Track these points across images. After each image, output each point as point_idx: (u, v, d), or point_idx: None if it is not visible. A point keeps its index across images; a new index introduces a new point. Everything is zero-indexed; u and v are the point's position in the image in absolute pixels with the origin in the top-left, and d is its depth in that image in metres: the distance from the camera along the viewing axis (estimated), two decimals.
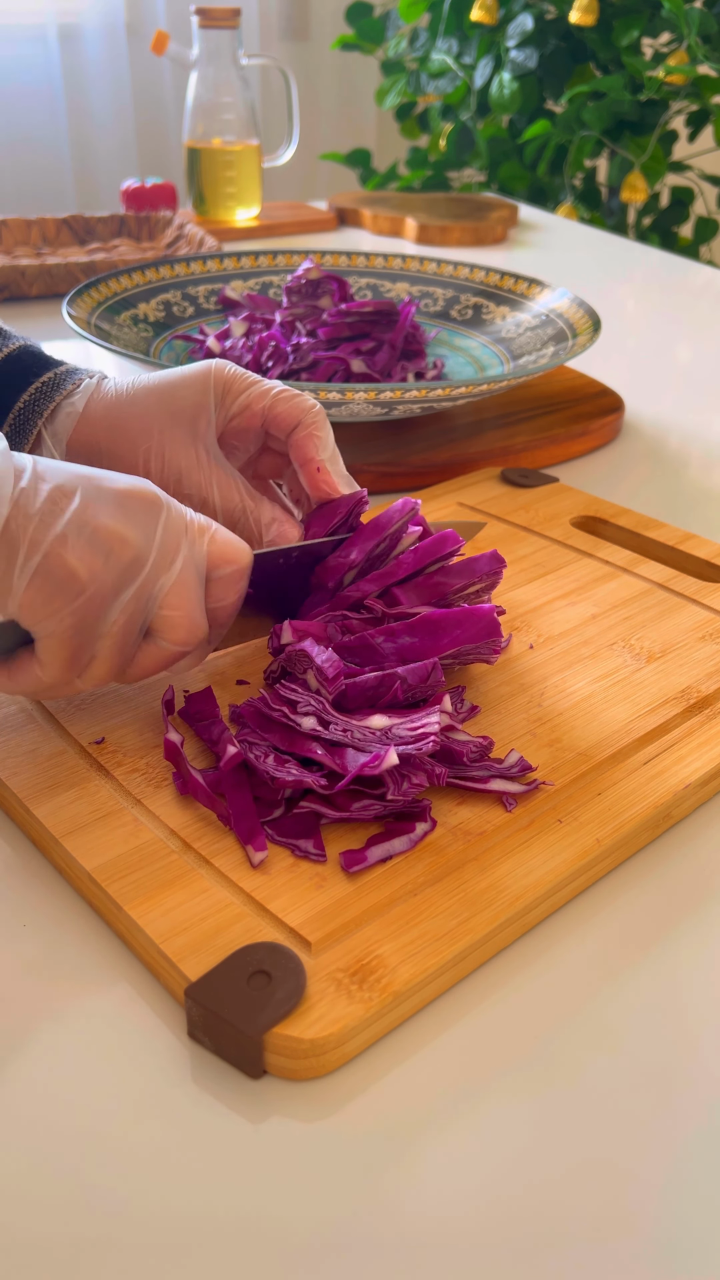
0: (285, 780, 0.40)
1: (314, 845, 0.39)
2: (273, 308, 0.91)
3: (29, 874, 0.41)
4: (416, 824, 0.40)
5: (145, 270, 0.91)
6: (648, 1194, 0.30)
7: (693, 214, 2.16)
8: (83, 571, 0.39)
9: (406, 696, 0.43)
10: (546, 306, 0.88)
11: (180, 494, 0.50)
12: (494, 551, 0.49)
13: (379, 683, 0.43)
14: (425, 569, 0.49)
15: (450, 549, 0.48)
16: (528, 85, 1.93)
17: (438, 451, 0.73)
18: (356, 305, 0.80)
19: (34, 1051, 0.34)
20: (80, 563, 0.39)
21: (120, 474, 0.42)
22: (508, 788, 0.42)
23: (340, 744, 0.41)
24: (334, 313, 0.80)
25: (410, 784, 0.40)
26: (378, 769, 0.39)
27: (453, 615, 0.46)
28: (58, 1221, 0.29)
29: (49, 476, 0.39)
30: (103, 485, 0.40)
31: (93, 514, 0.39)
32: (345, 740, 0.41)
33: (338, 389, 0.64)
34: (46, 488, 0.39)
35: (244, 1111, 0.32)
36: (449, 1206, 0.30)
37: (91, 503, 0.40)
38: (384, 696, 0.43)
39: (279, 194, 1.93)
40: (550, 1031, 0.35)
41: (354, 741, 0.41)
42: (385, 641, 0.46)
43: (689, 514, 0.69)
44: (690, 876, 0.41)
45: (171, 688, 0.46)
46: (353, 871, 0.38)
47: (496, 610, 0.47)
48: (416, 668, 0.43)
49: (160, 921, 0.36)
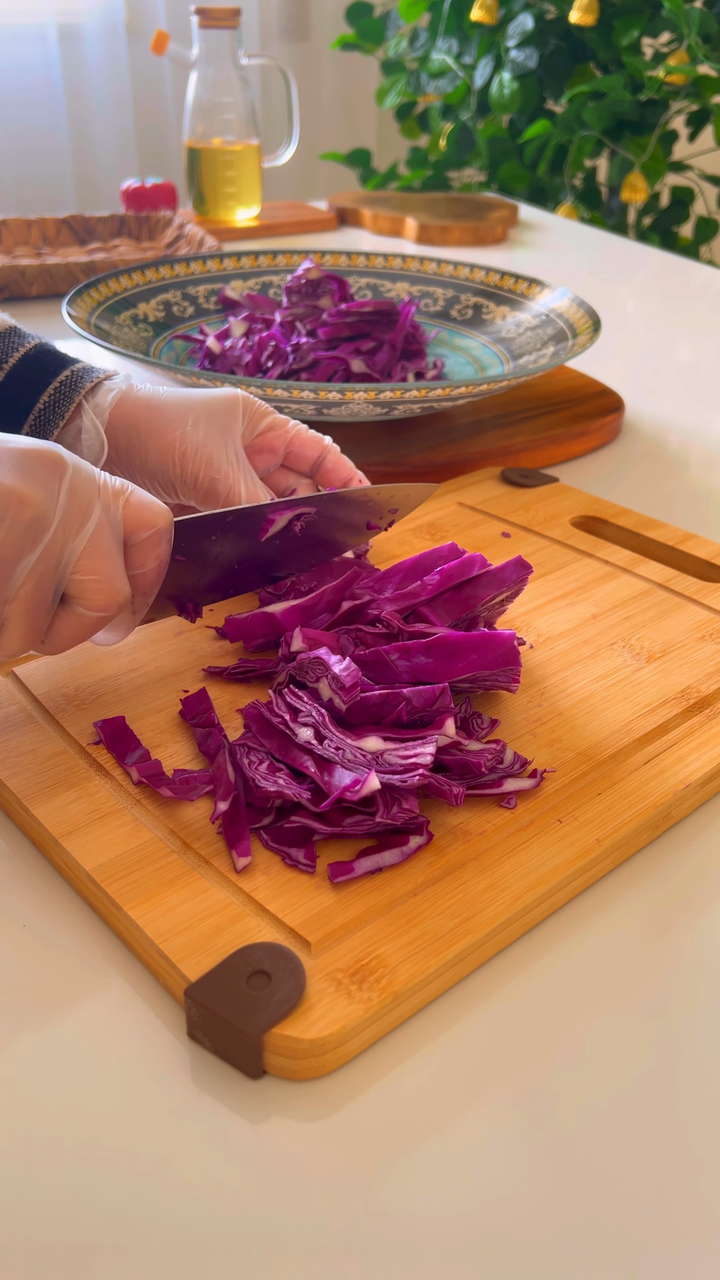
0: (268, 791, 0.40)
1: (305, 855, 0.39)
2: (273, 307, 0.91)
3: (29, 874, 0.41)
4: (410, 838, 0.40)
5: (145, 270, 0.91)
6: (648, 1194, 0.30)
7: (693, 214, 2.16)
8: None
9: (411, 718, 0.42)
10: (546, 306, 0.88)
11: (209, 479, 0.51)
12: (519, 558, 0.48)
13: (383, 700, 0.42)
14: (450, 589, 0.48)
15: (477, 571, 0.48)
16: (528, 85, 1.93)
17: (438, 451, 0.73)
18: (356, 305, 0.80)
19: (33, 1051, 0.34)
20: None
21: (21, 436, 0.41)
22: (520, 785, 0.42)
23: (330, 760, 0.41)
24: (334, 313, 0.80)
25: (400, 808, 0.39)
26: (357, 795, 0.38)
27: (470, 639, 0.44)
28: (57, 1222, 0.29)
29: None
30: (1, 446, 0.39)
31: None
32: (335, 758, 0.41)
33: (338, 389, 0.64)
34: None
35: (244, 1111, 0.32)
36: (448, 1207, 0.30)
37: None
38: (388, 715, 0.42)
39: (279, 194, 1.93)
40: (550, 1031, 0.35)
41: (344, 760, 0.40)
42: (400, 659, 0.45)
43: (689, 514, 0.69)
44: (690, 876, 0.41)
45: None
46: (338, 882, 0.38)
47: (516, 639, 0.45)
48: (424, 691, 0.42)
49: (160, 921, 0.36)
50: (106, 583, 0.41)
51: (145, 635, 0.52)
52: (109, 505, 0.42)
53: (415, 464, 0.72)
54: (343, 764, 0.40)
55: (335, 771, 0.40)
